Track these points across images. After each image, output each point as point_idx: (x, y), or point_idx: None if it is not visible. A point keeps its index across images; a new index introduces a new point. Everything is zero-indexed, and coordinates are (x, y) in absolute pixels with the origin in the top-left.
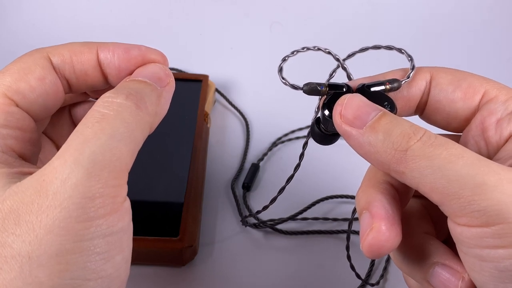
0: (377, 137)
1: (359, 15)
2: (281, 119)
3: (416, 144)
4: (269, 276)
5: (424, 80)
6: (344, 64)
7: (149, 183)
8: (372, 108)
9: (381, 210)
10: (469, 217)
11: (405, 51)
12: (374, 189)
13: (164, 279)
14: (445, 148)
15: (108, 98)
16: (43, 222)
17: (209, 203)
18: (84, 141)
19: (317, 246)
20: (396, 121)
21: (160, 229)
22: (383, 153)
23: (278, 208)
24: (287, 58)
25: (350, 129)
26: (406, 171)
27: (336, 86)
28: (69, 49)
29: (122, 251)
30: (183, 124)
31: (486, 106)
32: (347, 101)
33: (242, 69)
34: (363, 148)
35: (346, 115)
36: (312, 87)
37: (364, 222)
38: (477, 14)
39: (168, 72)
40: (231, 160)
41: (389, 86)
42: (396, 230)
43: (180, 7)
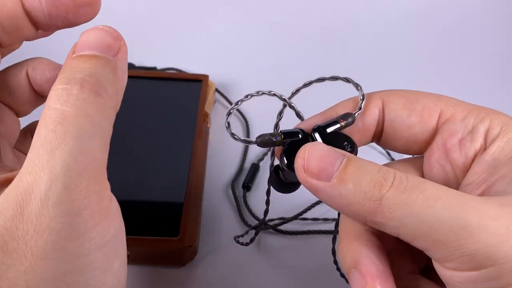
0: (347, 188)
1: (359, 15)
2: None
3: (389, 192)
4: (269, 276)
5: (377, 107)
6: (291, 103)
7: (149, 183)
8: (334, 156)
9: (372, 268)
10: (458, 262)
11: (351, 80)
12: (357, 243)
13: (164, 279)
14: (420, 191)
15: (62, 91)
16: (34, 248)
17: (209, 203)
18: (52, 150)
19: (317, 246)
20: (363, 167)
21: (160, 229)
22: (356, 205)
23: (278, 208)
24: (231, 111)
25: (317, 182)
26: (384, 221)
27: (290, 134)
28: None
29: (119, 257)
30: (183, 124)
31: (445, 127)
32: (308, 153)
33: (242, 69)
34: (335, 201)
35: (310, 169)
36: (266, 139)
37: (356, 282)
38: (472, 15)
39: (117, 34)
40: (231, 160)
41: (344, 123)
42: (390, 285)
43: (180, 7)
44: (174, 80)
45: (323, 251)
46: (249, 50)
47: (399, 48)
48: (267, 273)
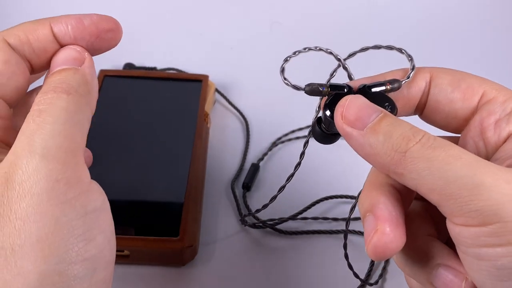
0: (377, 139)
1: (359, 15)
2: (281, 119)
3: (415, 146)
4: (269, 276)
5: (424, 80)
6: (345, 64)
7: (149, 183)
8: (373, 109)
9: (385, 212)
10: (466, 217)
11: (405, 51)
12: (377, 192)
13: (164, 279)
14: (443, 150)
15: (39, 98)
16: (17, 212)
17: (209, 203)
18: (31, 133)
19: (317, 246)
20: (397, 123)
21: (160, 229)
22: (383, 155)
23: (278, 208)
24: (289, 59)
25: (351, 130)
26: (404, 172)
27: (337, 87)
28: (23, 29)
29: (103, 231)
30: (183, 124)
31: (485, 107)
32: (349, 102)
33: (242, 69)
34: (364, 149)
35: (348, 116)
36: (314, 87)
37: (369, 225)
38: (478, 13)
39: (80, 49)
40: (231, 160)
41: (389, 87)
42: (400, 231)
43: (180, 7)
44: (174, 80)
45: (323, 251)
46: (249, 50)
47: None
48: (267, 273)
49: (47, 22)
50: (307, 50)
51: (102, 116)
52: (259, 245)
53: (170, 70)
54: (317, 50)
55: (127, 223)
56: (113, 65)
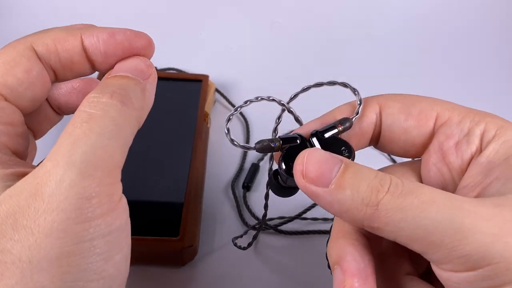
0: (345, 195)
1: (360, 15)
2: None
3: (386, 197)
4: (269, 276)
5: (374, 112)
6: (290, 108)
7: (149, 183)
8: (333, 161)
9: (352, 265)
10: (454, 264)
11: (349, 85)
12: (343, 241)
13: (164, 279)
14: (415, 196)
15: (93, 98)
16: (41, 226)
17: (209, 203)
18: (74, 141)
19: (317, 246)
20: (360, 173)
21: (160, 229)
22: (354, 210)
23: (278, 208)
24: (231, 117)
25: (315, 188)
26: (381, 226)
27: (289, 139)
28: (53, 37)
29: (122, 250)
30: (183, 124)
31: (442, 130)
32: (307, 158)
33: (242, 69)
34: (333, 207)
35: (309, 174)
36: (265, 145)
37: (337, 277)
38: (472, 16)
39: (149, 63)
40: (231, 160)
41: (341, 128)
42: (369, 284)
43: (180, 6)
44: (174, 80)
45: (323, 251)
46: (249, 50)
47: (399, 49)
48: (267, 273)
49: (78, 33)
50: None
51: None
52: (259, 245)
53: (170, 70)
54: (259, 101)
55: None
56: None
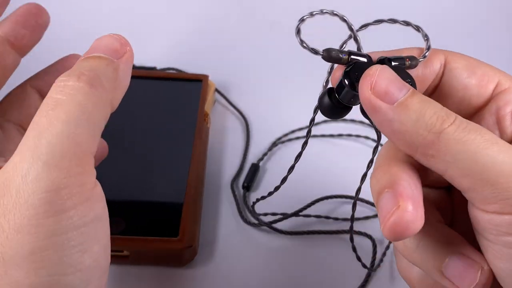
0: (409, 116)
1: (359, 15)
2: (281, 119)
3: (451, 128)
4: (269, 276)
5: (439, 62)
6: (357, 36)
7: (149, 183)
8: (403, 84)
9: (407, 190)
10: (502, 204)
11: (421, 29)
12: (398, 168)
13: (164, 279)
14: (479, 133)
15: (60, 82)
16: (11, 222)
17: (209, 203)
18: (40, 132)
19: (317, 246)
20: (428, 101)
21: (160, 229)
22: (414, 134)
23: (278, 207)
24: (305, 18)
25: (380, 103)
26: (437, 154)
27: (358, 55)
28: None
29: (99, 241)
30: (183, 124)
31: (501, 96)
32: (379, 72)
33: (242, 69)
34: (392, 126)
35: (377, 87)
36: (333, 53)
37: (387, 201)
38: (477, 14)
39: (124, 41)
40: (231, 160)
41: (408, 63)
42: (421, 212)
43: (180, 7)
44: (174, 80)
45: (323, 251)
46: (249, 50)
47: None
48: (267, 273)
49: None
50: (323, 12)
51: None
52: (259, 245)
53: (170, 70)
54: (333, 15)
55: (127, 223)
56: None
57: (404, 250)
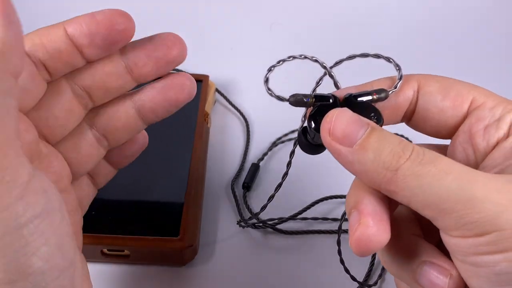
0: (367, 156)
1: (359, 15)
2: (281, 119)
3: (406, 164)
4: (269, 276)
5: (412, 89)
6: (331, 72)
7: (149, 183)
8: (360, 124)
9: (368, 207)
10: (463, 230)
11: (393, 60)
12: (362, 191)
13: (164, 279)
14: (433, 165)
15: None
16: None
17: (209, 203)
18: None
19: (317, 246)
20: (385, 138)
21: (160, 229)
22: (373, 173)
23: (278, 208)
24: (273, 68)
25: (340, 147)
26: (397, 190)
27: (322, 98)
28: (37, 34)
29: (48, 239)
30: (183, 124)
31: (474, 113)
32: (336, 118)
33: (242, 69)
34: (353, 166)
35: (335, 133)
36: (298, 99)
37: (353, 220)
38: (473, 16)
39: None
40: (231, 160)
41: (376, 97)
42: (384, 226)
43: (180, 6)
44: None
45: (323, 251)
46: (249, 50)
47: (402, 48)
48: (267, 273)
49: (60, 24)
50: (291, 58)
51: None
52: (259, 245)
53: None
54: (302, 58)
55: (127, 223)
56: None
57: (384, 264)
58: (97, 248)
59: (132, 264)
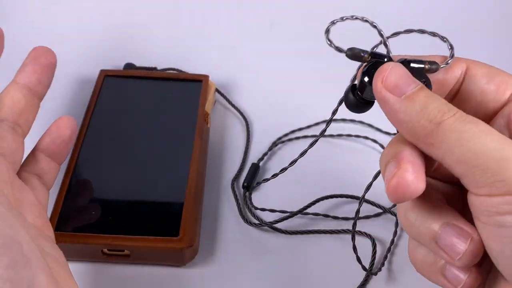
0: (413, 107)
1: (360, 14)
2: (281, 119)
3: (450, 119)
4: (269, 276)
5: (460, 69)
6: (386, 41)
7: (149, 183)
8: (412, 80)
9: (408, 156)
10: (491, 187)
11: (447, 40)
12: (402, 144)
13: (164, 279)
14: (475, 124)
15: None
16: None
17: (209, 203)
18: None
19: (317, 246)
20: (433, 96)
21: (160, 229)
22: (416, 123)
23: (278, 207)
24: (335, 22)
25: (389, 95)
26: (435, 143)
27: (378, 55)
28: None
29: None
30: (183, 124)
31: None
32: (391, 68)
33: (242, 69)
34: (398, 115)
35: (388, 81)
36: (356, 52)
37: (391, 167)
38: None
39: None
40: (231, 160)
41: (428, 66)
42: (421, 175)
43: (180, 7)
44: (174, 80)
45: (323, 250)
46: (249, 50)
47: (401, 47)
48: (267, 273)
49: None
50: (354, 18)
51: (103, 116)
52: (259, 245)
53: (170, 70)
54: (363, 21)
55: (127, 223)
56: (113, 65)
57: (405, 222)
58: (97, 248)
59: (132, 264)
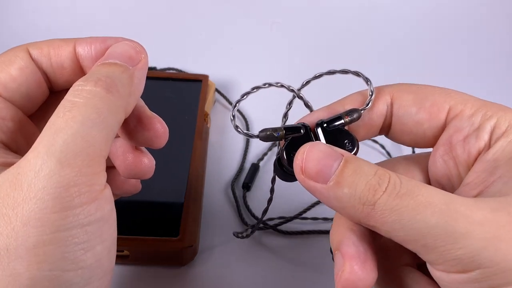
0: (343, 192)
1: (360, 14)
2: (281, 119)
3: (382, 198)
4: (269, 276)
5: (385, 103)
6: (300, 94)
7: (149, 183)
8: (333, 158)
9: (351, 249)
10: (446, 265)
11: (361, 74)
12: (343, 228)
13: (164, 279)
14: (411, 197)
15: (78, 86)
16: (19, 214)
17: (209, 203)
18: (56, 131)
19: (317, 246)
20: (360, 170)
21: (160, 229)
22: (351, 208)
23: (278, 208)
24: (238, 104)
25: (314, 184)
26: (377, 225)
27: (293, 129)
28: (48, 43)
29: (103, 241)
30: (183, 124)
31: (452, 123)
32: (306, 154)
33: (242, 69)
34: (331, 203)
35: (308, 170)
36: (268, 134)
37: (337, 263)
38: (474, 14)
39: (140, 49)
40: (231, 160)
41: (348, 119)
42: (369, 267)
43: (180, 7)
44: (174, 80)
45: (323, 250)
46: (249, 50)
47: (401, 46)
48: (267, 273)
49: (72, 41)
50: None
51: None
52: (259, 245)
53: (170, 70)
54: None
55: (127, 223)
56: None
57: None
58: None
59: (131, 264)
